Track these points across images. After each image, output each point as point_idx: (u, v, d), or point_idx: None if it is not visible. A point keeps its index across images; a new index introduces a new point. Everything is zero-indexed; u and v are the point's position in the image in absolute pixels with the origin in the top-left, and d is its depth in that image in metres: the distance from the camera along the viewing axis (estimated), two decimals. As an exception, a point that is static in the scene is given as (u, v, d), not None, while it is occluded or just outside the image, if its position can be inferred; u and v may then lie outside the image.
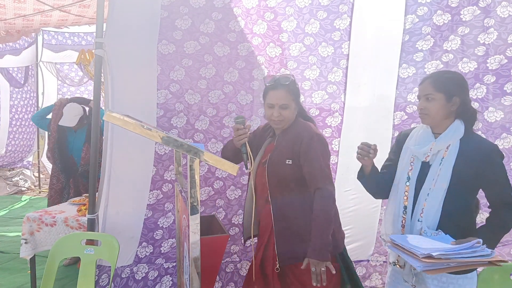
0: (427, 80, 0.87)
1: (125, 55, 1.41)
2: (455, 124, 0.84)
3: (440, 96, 0.83)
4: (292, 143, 0.99)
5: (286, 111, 1.00)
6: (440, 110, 0.83)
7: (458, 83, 0.86)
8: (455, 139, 0.83)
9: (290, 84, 1.01)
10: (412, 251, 0.72)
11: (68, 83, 4.04)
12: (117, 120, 0.81)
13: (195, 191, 0.80)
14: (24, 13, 2.23)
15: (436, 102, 0.83)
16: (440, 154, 0.83)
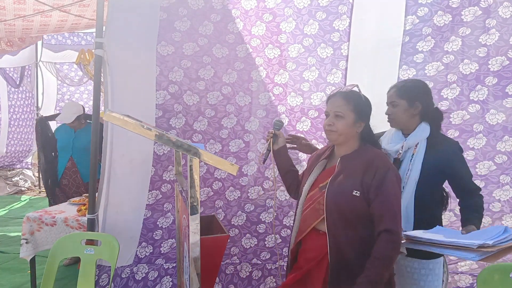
0: (392, 89, 1.02)
1: (124, 56, 1.41)
2: (422, 126, 0.99)
3: (403, 102, 0.98)
4: (362, 172, 0.84)
5: (340, 122, 0.87)
6: (404, 114, 0.98)
7: (419, 90, 1.00)
8: (423, 138, 0.97)
9: (351, 93, 0.89)
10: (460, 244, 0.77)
11: (67, 83, 4.05)
12: (117, 120, 0.81)
13: (195, 191, 0.80)
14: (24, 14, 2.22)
15: (400, 108, 0.99)
16: (410, 151, 0.97)
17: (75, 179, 2.03)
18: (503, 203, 1.48)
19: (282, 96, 1.57)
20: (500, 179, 1.47)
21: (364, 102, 0.90)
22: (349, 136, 0.89)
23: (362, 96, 0.91)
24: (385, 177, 0.83)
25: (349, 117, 0.88)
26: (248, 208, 1.62)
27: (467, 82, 1.46)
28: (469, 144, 1.49)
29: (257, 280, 1.60)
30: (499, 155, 1.47)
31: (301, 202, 0.94)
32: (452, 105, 1.49)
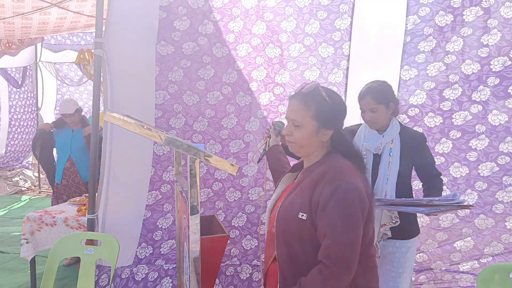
0: (367, 96, 1.07)
1: (123, 56, 1.40)
2: (393, 122, 1.08)
3: (382, 107, 1.06)
4: (312, 189, 0.67)
5: (298, 132, 0.69)
6: (384, 117, 1.07)
7: (389, 91, 1.09)
8: (396, 133, 1.07)
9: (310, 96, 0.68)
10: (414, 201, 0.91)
11: (67, 83, 4.05)
12: (117, 120, 0.81)
13: (195, 191, 0.80)
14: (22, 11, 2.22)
15: (380, 112, 1.06)
16: (387, 146, 1.06)
17: (74, 179, 2.02)
18: (506, 204, 1.47)
19: (283, 96, 1.56)
20: (503, 180, 1.47)
21: (328, 106, 0.68)
22: (312, 146, 0.70)
23: (326, 98, 0.68)
24: (332, 195, 0.63)
25: (309, 126, 0.68)
26: (248, 209, 1.61)
27: (469, 82, 1.46)
28: (471, 145, 1.48)
29: (257, 282, 1.60)
30: (501, 156, 1.46)
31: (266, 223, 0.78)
32: (454, 105, 1.48)
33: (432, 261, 1.56)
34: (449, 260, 1.54)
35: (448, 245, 1.54)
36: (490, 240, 1.50)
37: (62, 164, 2.02)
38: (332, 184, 0.64)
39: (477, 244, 1.51)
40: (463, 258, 1.53)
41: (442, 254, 1.54)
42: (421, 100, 1.49)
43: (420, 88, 1.49)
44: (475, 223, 1.50)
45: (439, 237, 1.54)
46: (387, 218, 1.05)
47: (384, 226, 1.05)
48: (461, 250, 1.53)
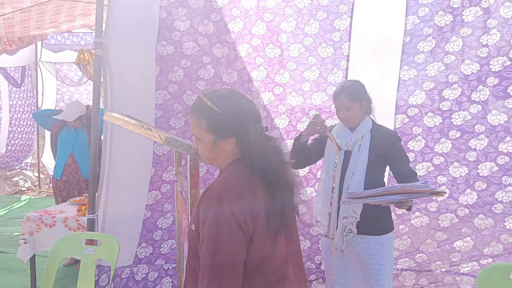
0: (341, 95, 1.09)
1: (124, 56, 1.41)
2: (366, 120, 1.10)
3: (356, 105, 1.08)
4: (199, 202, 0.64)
5: (200, 146, 0.66)
6: (358, 115, 1.09)
7: (363, 90, 1.11)
8: (367, 131, 1.09)
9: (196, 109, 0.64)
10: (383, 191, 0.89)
11: (67, 83, 4.04)
12: (117, 120, 0.81)
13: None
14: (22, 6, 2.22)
15: (354, 110, 1.09)
16: (357, 143, 1.09)
17: (75, 175, 2.01)
18: (505, 204, 1.47)
19: (283, 96, 1.56)
20: (502, 180, 1.47)
21: (219, 115, 0.62)
22: (220, 158, 0.65)
23: (213, 108, 0.62)
24: (206, 217, 0.59)
25: (206, 139, 0.64)
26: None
27: (468, 82, 1.46)
28: (471, 145, 1.48)
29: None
30: (501, 156, 1.46)
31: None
32: (454, 105, 1.48)
33: (431, 261, 1.56)
34: (449, 260, 1.54)
35: (448, 245, 1.54)
36: (490, 240, 1.50)
37: (63, 160, 2.00)
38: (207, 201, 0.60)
39: (477, 244, 1.51)
40: (462, 258, 1.53)
41: (442, 254, 1.55)
42: (420, 100, 1.50)
43: (420, 88, 1.49)
44: (475, 223, 1.50)
45: (439, 237, 1.54)
46: (347, 211, 1.05)
47: (346, 219, 1.05)
48: (460, 250, 1.53)
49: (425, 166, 1.52)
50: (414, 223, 1.55)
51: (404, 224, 1.56)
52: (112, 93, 1.41)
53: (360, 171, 1.05)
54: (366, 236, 1.06)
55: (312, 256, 1.60)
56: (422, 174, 1.53)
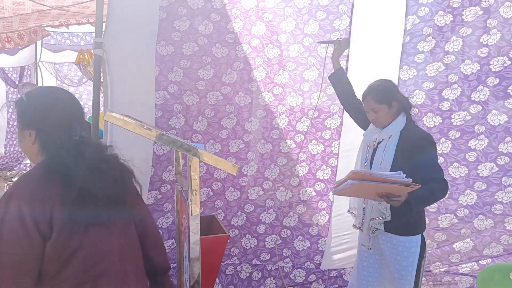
0: (368, 97, 1.08)
1: (123, 56, 1.40)
2: (398, 119, 1.07)
3: (383, 107, 1.06)
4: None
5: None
6: (387, 116, 1.07)
7: (391, 90, 1.09)
8: (397, 131, 1.06)
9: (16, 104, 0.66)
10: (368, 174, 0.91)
11: (67, 83, 4.05)
12: (117, 120, 0.81)
13: (195, 191, 0.80)
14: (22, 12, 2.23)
15: (382, 112, 1.07)
16: (383, 142, 1.07)
17: None
18: (505, 205, 1.47)
19: (282, 96, 1.56)
20: (502, 181, 1.47)
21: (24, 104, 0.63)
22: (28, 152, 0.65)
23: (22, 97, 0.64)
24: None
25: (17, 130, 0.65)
26: (248, 208, 1.62)
27: (468, 82, 1.46)
28: (471, 145, 1.48)
29: (257, 281, 1.60)
30: (501, 156, 1.46)
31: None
32: (453, 105, 1.48)
33: (431, 262, 1.56)
34: (448, 261, 1.54)
35: (447, 246, 1.54)
36: (490, 241, 1.50)
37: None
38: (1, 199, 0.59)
39: (476, 245, 1.51)
40: (462, 259, 1.53)
41: (441, 255, 1.54)
42: (420, 100, 1.49)
43: (419, 88, 1.49)
44: (474, 223, 1.50)
45: (438, 238, 1.54)
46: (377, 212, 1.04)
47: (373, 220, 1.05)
48: (460, 251, 1.53)
49: (425, 166, 1.52)
50: (413, 223, 1.55)
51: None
52: (112, 93, 1.40)
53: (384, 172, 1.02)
54: (390, 235, 1.04)
55: (312, 256, 1.60)
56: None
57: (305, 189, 1.58)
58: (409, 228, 1.05)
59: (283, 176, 1.59)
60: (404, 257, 1.05)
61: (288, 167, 1.59)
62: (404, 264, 1.05)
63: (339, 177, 1.56)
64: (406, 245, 1.04)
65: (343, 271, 1.62)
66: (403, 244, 1.05)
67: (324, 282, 1.61)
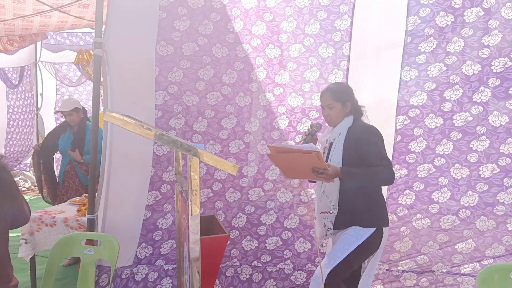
0: (326, 93, 1.15)
1: (123, 56, 1.40)
2: (346, 119, 1.14)
3: (338, 104, 1.13)
4: None
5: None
6: (339, 114, 1.13)
7: (347, 92, 1.16)
8: (345, 128, 1.12)
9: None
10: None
11: (66, 83, 4.04)
12: (117, 120, 0.80)
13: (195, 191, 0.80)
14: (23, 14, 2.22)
15: (336, 109, 1.13)
16: (335, 141, 1.12)
17: (75, 181, 2.01)
18: (507, 206, 1.46)
19: (283, 97, 1.56)
20: (504, 182, 1.46)
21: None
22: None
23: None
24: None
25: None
26: (248, 209, 1.61)
27: (470, 83, 1.45)
28: (472, 146, 1.47)
29: (257, 283, 1.59)
30: (502, 157, 1.45)
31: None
32: (455, 106, 1.47)
33: (433, 263, 1.55)
34: (450, 262, 1.53)
35: (449, 247, 1.53)
36: (491, 242, 1.49)
37: (63, 167, 2.02)
38: None
39: (478, 246, 1.50)
40: (464, 260, 1.52)
41: (444, 256, 1.54)
42: (421, 101, 1.49)
43: (421, 89, 1.48)
44: (476, 224, 1.49)
45: (440, 239, 1.53)
46: (325, 206, 1.07)
47: (323, 214, 1.07)
48: (462, 252, 1.52)
49: (426, 167, 1.51)
50: (415, 225, 1.54)
51: (406, 226, 1.55)
52: (112, 94, 1.40)
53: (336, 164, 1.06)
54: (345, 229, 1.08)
55: (313, 258, 1.60)
56: (423, 176, 1.52)
57: (305, 190, 1.58)
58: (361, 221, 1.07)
59: (283, 177, 1.59)
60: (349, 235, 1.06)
61: (289, 168, 1.59)
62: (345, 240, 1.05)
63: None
64: (355, 230, 1.06)
65: (344, 272, 1.61)
66: (353, 229, 1.07)
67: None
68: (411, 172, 1.51)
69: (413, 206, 1.53)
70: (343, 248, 1.05)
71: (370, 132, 1.09)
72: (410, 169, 1.52)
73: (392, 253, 1.57)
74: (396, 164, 1.52)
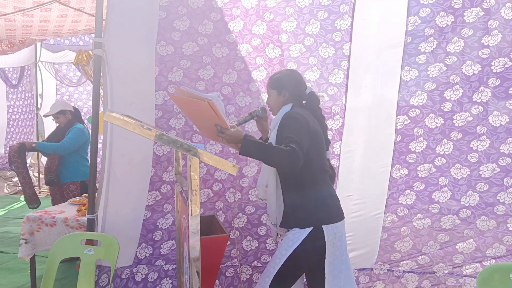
0: (267, 81, 1.13)
1: (123, 56, 1.40)
2: (283, 109, 1.09)
3: (273, 92, 1.11)
4: None
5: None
6: (276, 102, 1.11)
7: (288, 80, 1.11)
8: (280, 117, 1.05)
9: None
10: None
11: (66, 83, 4.04)
12: (117, 120, 0.80)
13: (195, 191, 0.79)
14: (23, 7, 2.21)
15: (272, 97, 1.11)
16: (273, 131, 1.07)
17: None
18: (507, 206, 1.46)
19: (283, 97, 1.56)
20: (504, 182, 1.46)
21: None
22: None
23: None
24: None
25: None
26: (248, 210, 1.61)
27: (470, 83, 1.45)
28: (472, 146, 1.47)
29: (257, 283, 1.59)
30: (502, 157, 1.46)
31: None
32: (455, 106, 1.47)
33: (434, 263, 1.55)
34: (452, 262, 1.53)
35: (450, 247, 1.53)
36: (492, 242, 1.49)
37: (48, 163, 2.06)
38: None
39: (479, 246, 1.50)
40: (465, 260, 1.52)
41: (444, 256, 1.53)
42: (422, 101, 1.49)
43: (421, 89, 1.48)
44: (477, 224, 1.49)
45: (441, 239, 1.53)
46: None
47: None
48: (463, 252, 1.52)
49: (427, 167, 1.51)
50: (416, 225, 1.54)
51: (406, 226, 1.55)
52: (112, 94, 1.40)
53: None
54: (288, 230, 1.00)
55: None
56: (424, 176, 1.52)
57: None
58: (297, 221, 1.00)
59: (283, 177, 1.58)
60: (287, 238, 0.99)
61: (289, 168, 1.59)
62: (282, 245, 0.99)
63: (340, 178, 1.55)
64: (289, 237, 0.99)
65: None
66: (291, 232, 1.00)
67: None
68: (411, 172, 1.51)
69: (414, 206, 1.53)
70: (281, 254, 0.99)
71: (288, 117, 1.02)
72: (410, 169, 1.52)
73: (393, 253, 1.57)
74: (397, 164, 1.52)
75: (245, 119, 1.14)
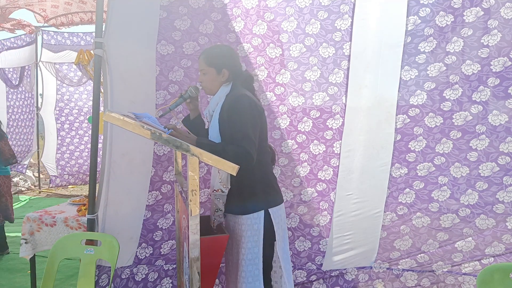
0: (201, 57, 1.02)
1: (124, 56, 1.40)
2: (223, 88, 1.00)
3: (212, 70, 1.00)
4: None
5: None
6: (214, 82, 1.00)
7: (226, 56, 1.01)
8: (221, 99, 0.99)
9: None
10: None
11: (67, 83, 4.04)
12: (116, 121, 0.80)
13: (195, 191, 0.79)
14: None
15: (210, 75, 1.01)
16: (214, 113, 1.01)
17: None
18: (506, 204, 1.47)
19: (284, 96, 1.56)
20: (504, 181, 1.47)
21: None
22: None
23: None
24: None
25: None
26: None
27: (469, 83, 1.46)
28: (472, 145, 1.48)
29: (257, 281, 1.59)
30: (502, 156, 1.46)
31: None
32: (455, 106, 1.48)
33: (433, 262, 1.55)
34: (451, 260, 1.54)
35: (449, 245, 1.53)
36: (491, 240, 1.50)
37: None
38: None
39: (478, 244, 1.51)
40: (464, 258, 1.52)
41: (444, 254, 1.54)
42: (421, 101, 1.49)
43: (421, 89, 1.49)
44: (476, 223, 1.50)
45: (440, 237, 1.54)
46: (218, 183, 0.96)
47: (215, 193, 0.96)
48: (462, 250, 1.52)
49: (426, 166, 1.52)
50: (415, 224, 1.55)
51: (405, 224, 1.55)
52: (112, 93, 1.40)
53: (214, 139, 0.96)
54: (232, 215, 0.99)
55: (313, 257, 1.60)
56: (423, 175, 1.52)
57: (306, 189, 1.58)
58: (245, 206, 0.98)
59: (284, 177, 1.59)
60: (248, 236, 0.97)
61: (290, 168, 1.59)
62: (249, 245, 0.97)
63: (340, 177, 1.56)
64: (248, 223, 0.97)
65: (345, 270, 1.61)
66: (246, 222, 0.98)
67: (325, 282, 1.60)
68: (411, 171, 1.52)
69: (413, 204, 1.53)
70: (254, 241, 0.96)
71: (237, 104, 0.93)
72: (410, 168, 1.52)
73: (392, 252, 1.58)
74: (396, 163, 1.52)
75: (177, 103, 1.04)
